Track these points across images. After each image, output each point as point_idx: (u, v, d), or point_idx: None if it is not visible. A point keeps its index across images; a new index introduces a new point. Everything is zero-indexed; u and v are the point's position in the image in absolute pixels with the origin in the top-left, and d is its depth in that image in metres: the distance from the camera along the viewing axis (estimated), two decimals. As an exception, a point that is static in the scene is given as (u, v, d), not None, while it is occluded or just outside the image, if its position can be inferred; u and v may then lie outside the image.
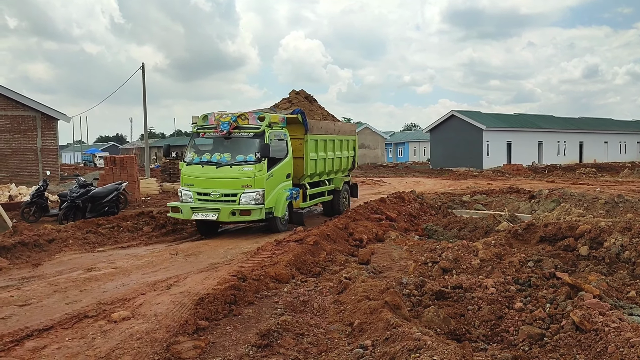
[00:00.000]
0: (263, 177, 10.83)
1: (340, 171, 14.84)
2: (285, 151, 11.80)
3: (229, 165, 10.89)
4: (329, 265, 7.60)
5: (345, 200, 14.96)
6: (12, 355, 4.56)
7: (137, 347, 4.59)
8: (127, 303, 6.05)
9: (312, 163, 12.86)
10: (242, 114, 11.20)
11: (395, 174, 36.85)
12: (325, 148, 13.53)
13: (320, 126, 13.47)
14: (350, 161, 15.44)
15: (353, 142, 15.75)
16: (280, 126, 11.71)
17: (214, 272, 7.50)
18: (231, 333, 4.94)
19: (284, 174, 11.68)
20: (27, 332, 5.14)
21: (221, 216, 10.64)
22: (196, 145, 11.75)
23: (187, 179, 11.28)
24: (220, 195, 10.83)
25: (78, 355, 4.49)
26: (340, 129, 14.78)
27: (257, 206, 10.71)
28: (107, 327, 5.19)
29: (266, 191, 10.88)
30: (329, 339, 4.85)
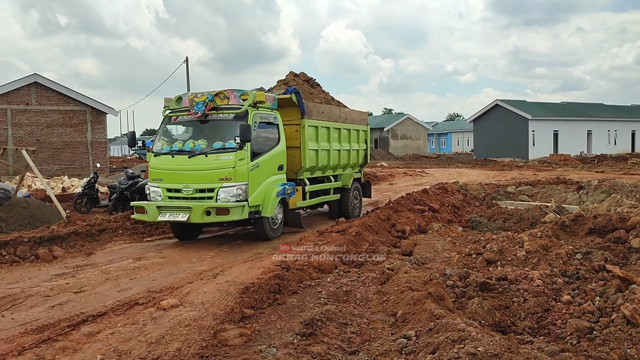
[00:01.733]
0: (246, 167, 8.85)
1: (350, 166, 12.77)
2: (277, 138, 9.83)
3: (204, 155, 8.88)
4: (371, 256, 7.62)
5: (355, 201, 12.79)
6: (69, 340, 4.78)
7: (186, 334, 4.73)
8: (175, 291, 6.24)
9: (312, 154, 10.82)
10: (220, 92, 9.28)
11: (438, 165, 36.43)
12: (328, 137, 11.49)
13: (322, 110, 11.36)
14: (361, 155, 13.32)
15: (364, 134, 13.53)
16: (269, 107, 9.78)
17: (258, 262, 7.64)
18: (276, 321, 5.04)
19: (275, 166, 9.69)
20: (82, 318, 5.38)
21: (193, 216, 8.60)
22: (169, 132, 9.87)
23: (156, 173, 9.33)
24: (194, 191, 8.84)
25: (130, 341, 4.66)
26: (348, 117, 12.64)
27: (238, 203, 8.65)
28: (157, 314, 5.37)
29: (250, 185, 8.89)
30: (372, 328, 4.89)
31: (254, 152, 9.06)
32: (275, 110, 9.97)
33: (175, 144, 9.31)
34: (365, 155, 13.58)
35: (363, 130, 13.43)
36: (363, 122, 13.54)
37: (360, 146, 13.20)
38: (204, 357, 4.20)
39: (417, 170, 29.26)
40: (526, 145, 40.77)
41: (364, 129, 13.52)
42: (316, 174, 11.33)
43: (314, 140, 10.87)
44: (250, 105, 9.16)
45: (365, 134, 13.59)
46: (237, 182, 8.75)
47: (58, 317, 5.50)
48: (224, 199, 8.69)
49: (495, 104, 44.14)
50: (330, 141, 11.53)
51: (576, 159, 36.48)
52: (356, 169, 13.23)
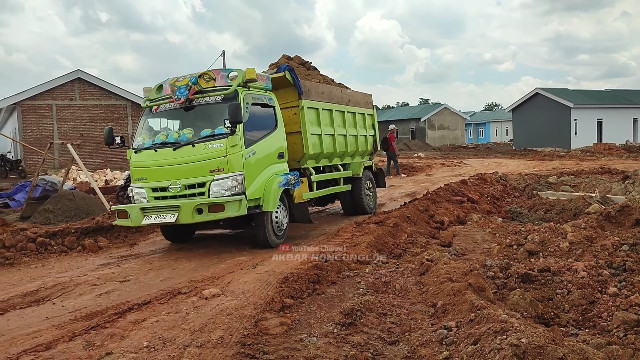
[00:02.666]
0: (240, 155, 7.73)
1: (359, 154, 11.78)
2: (274, 122, 8.73)
3: (190, 145, 7.78)
4: (409, 247, 7.59)
5: (369, 192, 11.88)
6: (116, 327, 4.94)
7: (228, 322, 4.83)
8: (217, 281, 6.36)
9: (315, 140, 9.76)
10: (204, 72, 8.20)
11: (476, 155, 35.87)
12: (331, 121, 10.41)
13: (321, 90, 10.23)
14: (370, 142, 12.25)
15: (371, 118, 12.39)
16: (262, 87, 8.68)
17: (297, 253, 7.69)
18: (316, 311, 5.08)
19: (275, 153, 8.60)
20: (128, 306, 5.55)
21: (182, 216, 7.47)
22: (150, 125, 8.71)
23: (138, 172, 8.17)
24: (183, 187, 7.72)
25: (174, 328, 4.78)
26: (352, 99, 11.47)
27: (233, 197, 7.52)
28: (199, 303, 5.49)
29: (247, 175, 7.78)
30: (412, 319, 4.88)
31: (249, 138, 7.95)
32: (269, 92, 8.83)
33: (158, 136, 8.18)
34: (375, 142, 12.51)
35: (369, 115, 12.30)
36: (368, 105, 12.33)
37: (368, 132, 12.13)
38: (245, 346, 4.28)
39: (454, 160, 28.87)
40: (568, 134, 39.70)
41: (370, 113, 12.37)
42: (322, 162, 10.32)
43: (315, 124, 9.78)
44: (239, 85, 8.02)
45: (372, 119, 12.46)
46: (231, 172, 7.61)
47: (105, 305, 5.69)
48: (217, 193, 7.57)
49: (535, 92, 43.07)
50: (334, 125, 10.42)
51: (621, 148, 35.29)
52: (366, 157, 12.24)
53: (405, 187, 16.76)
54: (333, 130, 10.38)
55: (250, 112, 8.06)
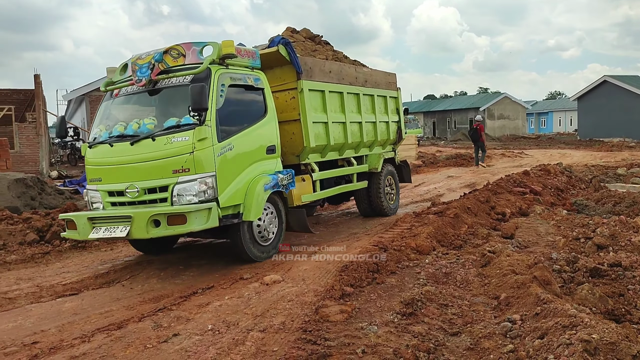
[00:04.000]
0: (210, 150, 6.17)
1: (378, 144, 10.00)
2: (261, 108, 7.12)
3: (150, 138, 6.26)
4: (470, 239, 7.45)
5: (390, 189, 10.23)
6: (181, 309, 5.12)
7: (289, 309, 4.91)
8: (277, 267, 6.47)
9: (319, 129, 8.10)
10: (172, 47, 6.61)
11: (538, 146, 34.69)
12: (342, 106, 8.72)
13: (328, 69, 8.50)
14: (392, 129, 10.41)
15: (394, 101, 10.51)
16: (246, 65, 7.00)
17: (355, 242, 7.72)
18: (375, 300, 5.09)
19: (262, 147, 7.00)
20: (192, 290, 5.74)
21: (135, 230, 5.98)
22: (110, 114, 7.08)
23: (92, 171, 6.75)
24: (142, 192, 6.24)
25: (237, 313, 4.91)
26: (369, 79, 9.69)
27: (199, 205, 6.00)
28: (261, 288, 5.60)
29: (220, 176, 6.25)
30: (474, 311, 4.80)
31: (225, 129, 6.42)
32: (257, 70, 7.20)
33: (116, 128, 6.67)
34: (399, 130, 10.67)
35: (392, 97, 10.39)
36: (390, 86, 10.40)
37: (391, 117, 10.30)
38: (307, 332, 4.34)
39: (515, 151, 28.01)
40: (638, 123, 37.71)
41: (393, 95, 10.45)
42: (330, 155, 8.64)
43: (320, 109, 8.14)
44: (213, 62, 6.47)
45: (396, 102, 10.59)
46: (199, 173, 6.07)
47: (171, 288, 5.91)
48: (181, 199, 6.09)
49: (603, 80, 41.06)
50: (345, 111, 8.75)
51: (697, 138, 33.22)
52: (387, 147, 10.45)
53: (464, 177, 16.44)
54: (344, 117, 8.73)
55: (227, 96, 6.48)
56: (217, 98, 6.33)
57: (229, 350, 4.06)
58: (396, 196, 10.54)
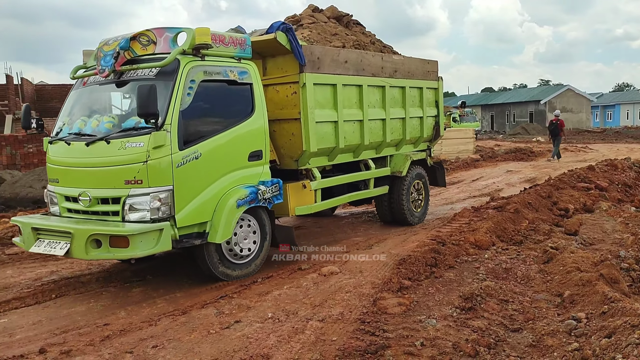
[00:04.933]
0: (168, 160, 5.23)
1: (408, 142, 8.75)
2: (247, 106, 6.10)
3: (105, 140, 5.36)
4: (531, 234, 7.27)
5: (417, 195, 8.89)
6: (242, 297, 5.27)
7: (347, 299, 4.96)
8: (334, 259, 6.54)
9: (326, 129, 6.98)
10: (142, 32, 5.70)
11: (603, 140, 33.25)
12: (360, 101, 7.55)
13: (344, 58, 7.28)
14: (428, 125, 9.06)
15: (433, 93, 9.20)
16: (231, 55, 5.97)
17: (412, 236, 7.68)
18: (434, 294, 5.07)
19: (243, 153, 5.99)
20: (252, 279, 5.88)
21: (74, 249, 5.11)
22: (77, 107, 6.08)
23: (51, 170, 5.96)
24: (94, 201, 5.42)
25: (296, 302, 5.01)
26: (400, 68, 8.35)
27: (147, 226, 5.09)
28: (319, 279, 5.68)
29: (181, 190, 5.32)
30: (536, 307, 4.71)
31: (193, 133, 5.50)
32: (247, 62, 6.16)
33: (76, 123, 5.83)
34: (436, 125, 9.31)
35: (430, 89, 9.09)
36: (428, 75, 9.05)
37: (426, 112, 8.96)
38: (365, 323, 4.38)
39: (579, 145, 26.96)
40: None
41: (431, 86, 9.12)
42: (340, 158, 7.52)
43: (328, 106, 7.03)
44: (184, 52, 5.49)
45: (435, 94, 9.25)
46: (152, 187, 5.17)
47: (232, 277, 6.08)
48: (131, 216, 5.22)
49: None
50: (363, 107, 7.57)
51: None
52: (420, 145, 9.12)
53: (524, 172, 15.99)
54: (361, 114, 7.55)
55: (198, 93, 5.52)
56: (182, 97, 5.35)
57: (289, 338, 4.15)
58: (424, 203, 9.14)
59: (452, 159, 18.82)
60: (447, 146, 20.21)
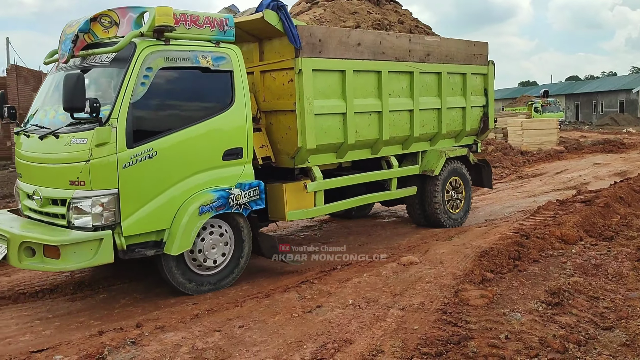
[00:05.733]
0: (111, 160, 4.63)
1: (446, 137, 7.79)
2: (225, 97, 5.38)
3: (54, 135, 4.87)
4: (623, 230, 6.90)
5: (455, 193, 7.96)
6: (322, 283, 5.37)
7: (427, 290, 4.94)
8: (413, 249, 6.52)
9: (329, 122, 6.16)
10: (102, 13, 5.11)
11: None
12: (378, 89, 6.65)
13: (356, 40, 6.38)
14: (474, 117, 8.11)
15: (482, 80, 8.19)
16: (207, 39, 5.24)
17: (494, 228, 7.50)
18: (518, 287, 4.94)
19: (215, 151, 5.29)
20: (332, 266, 5.99)
21: (10, 256, 4.66)
22: (44, 95, 5.57)
23: (17, 164, 5.67)
24: (45, 200, 4.98)
25: (376, 290, 5.05)
26: (435, 52, 7.34)
27: (83, 235, 4.57)
28: (398, 268, 5.68)
29: (128, 194, 4.72)
30: (630, 306, 4.49)
31: (146, 128, 4.88)
32: (227, 45, 5.40)
33: (38, 114, 5.41)
34: (485, 117, 8.27)
35: (476, 74, 8.05)
36: (474, 59, 7.97)
37: (471, 101, 7.94)
38: (446, 313, 4.35)
39: (675, 137, 25.14)
40: None
41: (478, 72, 8.07)
42: (352, 155, 6.67)
43: (334, 96, 6.18)
44: (143, 35, 4.86)
45: (483, 80, 8.22)
46: (95, 189, 4.61)
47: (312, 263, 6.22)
48: (75, 221, 4.68)
49: None
50: (382, 97, 6.65)
51: None
52: (463, 140, 8.12)
53: (613, 165, 15.13)
54: (380, 105, 6.65)
55: (156, 82, 4.88)
56: (135, 87, 4.72)
57: (370, 324, 4.20)
58: (464, 203, 8.14)
59: (534, 151, 18.12)
60: (529, 137, 19.45)
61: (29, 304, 5.28)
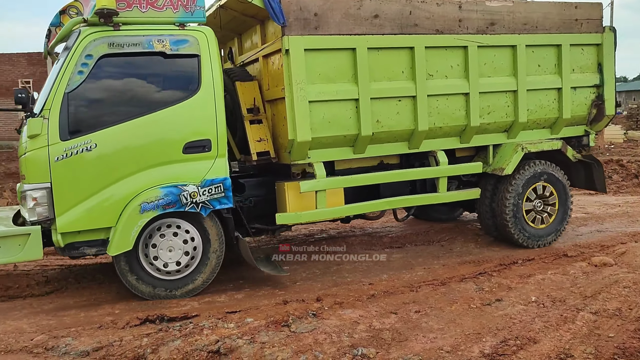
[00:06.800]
0: (43, 152, 4.46)
1: (530, 126, 6.23)
2: (189, 84, 4.87)
3: (17, 130, 5.13)
4: None
5: (541, 203, 6.25)
6: (501, 277, 5.14)
7: (625, 295, 4.45)
8: (606, 250, 5.92)
9: (331, 111, 5.23)
10: (70, 4, 4.93)
11: None
12: (411, 69, 5.50)
13: (370, 11, 5.32)
14: (578, 101, 6.38)
15: (591, 52, 6.41)
16: (170, 21, 4.79)
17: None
18: None
19: (171, 144, 4.78)
20: (511, 260, 5.70)
21: None
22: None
23: None
24: (18, 194, 5.21)
25: (562, 289, 4.69)
26: (502, 20, 5.90)
27: (9, 230, 4.60)
28: (588, 269, 5.21)
29: (62, 188, 4.50)
30: None
31: (85, 119, 4.62)
32: (194, 28, 4.91)
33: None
34: (598, 101, 6.46)
35: (581, 45, 6.33)
36: (575, 26, 6.25)
37: (572, 80, 6.27)
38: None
39: None
40: None
41: (585, 42, 6.33)
42: (377, 150, 5.63)
43: (343, 78, 5.27)
44: (85, 22, 4.62)
45: (596, 53, 6.42)
46: (31, 183, 4.52)
47: (489, 255, 6.00)
48: (26, 215, 4.72)
49: None
50: (416, 78, 5.50)
51: None
52: (561, 130, 6.42)
53: None
54: (414, 88, 5.51)
55: (99, 70, 4.60)
56: (71, 76, 4.50)
57: (557, 325, 3.92)
58: (557, 216, 6.29)
59: None
60: None
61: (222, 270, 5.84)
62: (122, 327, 4.09)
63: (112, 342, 3.77)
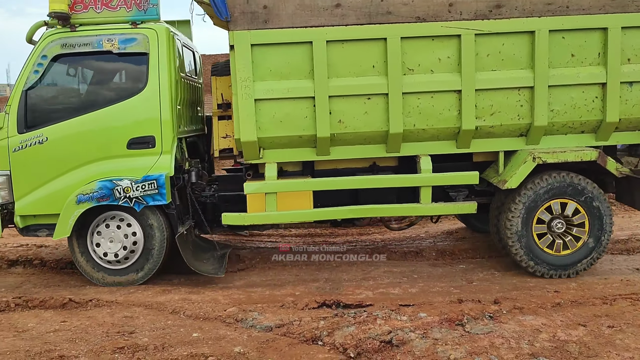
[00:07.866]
0: (3, 144, 5.05)
1: (560, 130, 5.10)
2: (135, 82, 5.09)
3: None
4: None
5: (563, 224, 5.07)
6: None
7: None
8: None
9: (284, 110, 4.94)
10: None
11: None
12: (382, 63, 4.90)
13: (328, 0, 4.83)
14: (633, 99, 4.97)
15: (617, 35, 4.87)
16: (124, 20, 5.00)
17: None
18: None
19: (116, 139, 5.04)
20: None
21: None
22: None
23: None
24: None
25: None
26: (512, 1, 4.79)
27: None
28: None
29: (20, 176, 5.07)
30: None
31: (39, 114, 5.08)
32: (148, 25, 5.01)
33: None
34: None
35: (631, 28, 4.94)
36: (629, 4, 4.86)
37: (623, 74, 4.98)
38: None
39: None
40: None
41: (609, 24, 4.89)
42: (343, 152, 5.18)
43: (298, 74, 4.91)
44: (46, 24, 5.09)
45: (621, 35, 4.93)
46: None
47: None
48: None
49: None
50: (389, 74, 4.89)
51: None
52: (610, 137, 5.18)
53: None
54: (385, 84, 4.90)
55: (52, 69, 5.08)
56: (29, 75, 5.03)
57: None
58: (587, 243, 5.11)
59: None
60: None
61: (399, 262, 5.88)
62: (301, 308, 4.36)
63: (292, 321, 4.03)
